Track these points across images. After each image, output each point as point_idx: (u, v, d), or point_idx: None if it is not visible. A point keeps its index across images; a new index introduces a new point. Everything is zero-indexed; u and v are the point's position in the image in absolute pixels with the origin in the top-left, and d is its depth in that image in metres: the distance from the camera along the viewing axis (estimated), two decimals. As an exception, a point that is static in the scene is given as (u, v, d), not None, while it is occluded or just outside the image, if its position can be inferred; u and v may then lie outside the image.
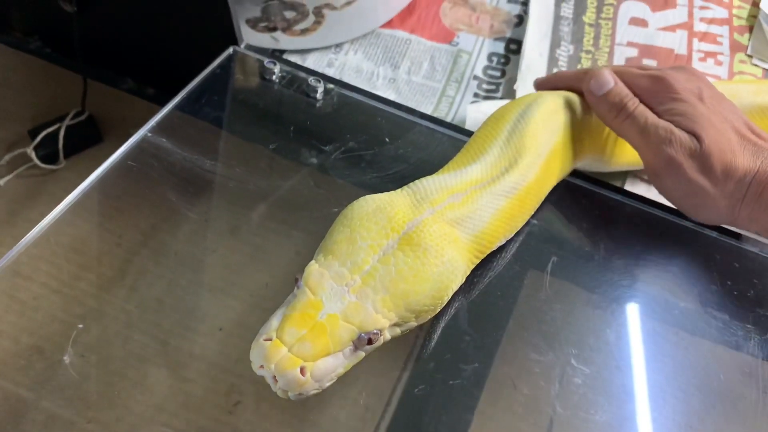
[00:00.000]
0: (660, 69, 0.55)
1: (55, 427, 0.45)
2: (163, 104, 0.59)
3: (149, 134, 0.58)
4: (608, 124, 0.55)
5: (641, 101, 0.53)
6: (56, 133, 0.64)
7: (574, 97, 0.57)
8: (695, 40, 0.78)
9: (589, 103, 0.56)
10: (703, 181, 0.50)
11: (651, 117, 0.52)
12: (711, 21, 0.80)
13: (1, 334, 0.48)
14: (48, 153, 0.64)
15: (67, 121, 0.65)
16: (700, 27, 0.79)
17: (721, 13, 0.81)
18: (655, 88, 0.53)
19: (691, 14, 0.81)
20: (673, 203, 0.54)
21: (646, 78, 0.54)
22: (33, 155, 0.63)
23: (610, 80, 0.54)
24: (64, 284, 0.51)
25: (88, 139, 0.67)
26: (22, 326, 0.49)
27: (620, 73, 0.55)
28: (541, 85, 0.61)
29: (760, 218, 0.50)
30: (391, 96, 0.71)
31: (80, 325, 0.48)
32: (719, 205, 0.51)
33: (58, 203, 0.53)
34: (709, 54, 0.77)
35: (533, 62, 0.74)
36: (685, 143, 0.50)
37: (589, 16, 0.80)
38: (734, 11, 0.81)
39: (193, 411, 0.46)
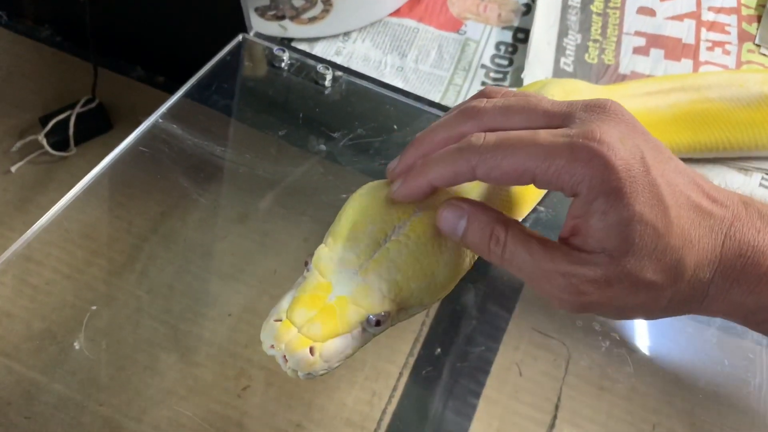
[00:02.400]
0: None
1: (66, 409, 0.45)
2: (172, 92, 0.59)
3: (160, 120, 0.58)
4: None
5: None
6: (67, 120, 0.65)
7: (581, 85, 0.57)
8: (703, 30, 0.78)
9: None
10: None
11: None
12: (719, 10, 0.80)
13: (13, 319, 0.49)
14: (59, 140, 0.65)
15: (77, 109, 0.65)
16: (708, 16, 0.79)
17: (729, 2, 0.81)
18: None
19: (699, 3, 0.80)
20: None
21: None
22: (44, 142, 0.63)
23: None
24: (76, 270, 0.51)
25: (98, 126, 0.67)
26: (34, 311, 0.49)
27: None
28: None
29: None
30: (398, 84, 0.71)
31: (93, 307, 0.49)
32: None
33: (69, 189, 0.53)
34: (717, 43, 0.77)
35: (541, 51, 0.74)
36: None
37: (596, 5, 0.80)
38: (742, 0, 0.81)
39: (203, 395, 0.46)
